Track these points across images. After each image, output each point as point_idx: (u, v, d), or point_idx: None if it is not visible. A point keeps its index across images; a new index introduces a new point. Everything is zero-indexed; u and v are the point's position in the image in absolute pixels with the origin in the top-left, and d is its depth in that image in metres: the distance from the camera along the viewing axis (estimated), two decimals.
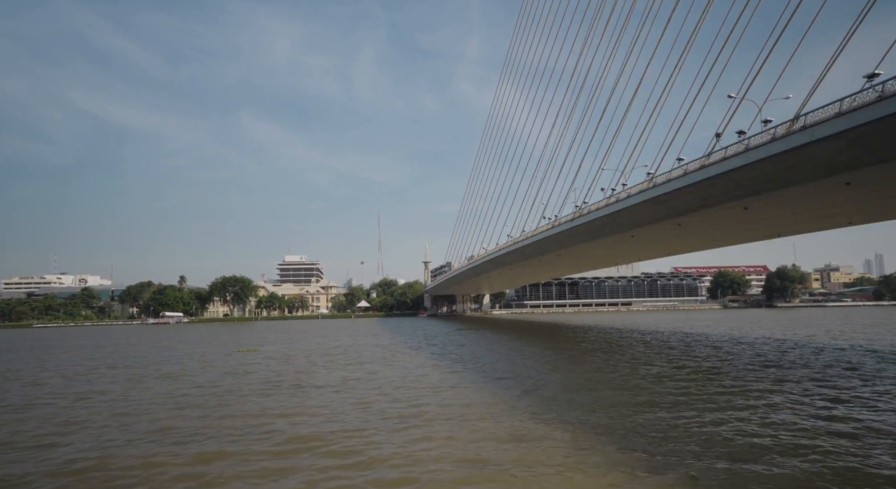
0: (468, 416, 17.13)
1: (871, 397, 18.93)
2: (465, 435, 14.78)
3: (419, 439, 14.43)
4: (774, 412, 16.77)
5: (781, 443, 13.29)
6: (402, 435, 14.97)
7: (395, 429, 15.57)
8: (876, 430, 14.42)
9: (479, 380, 25.00)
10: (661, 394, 20.20)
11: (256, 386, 24.75)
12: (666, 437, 13.85)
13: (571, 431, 14.79)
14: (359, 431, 15.44)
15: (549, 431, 14.86)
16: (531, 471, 11.67)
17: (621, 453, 12.63)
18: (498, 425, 15.78)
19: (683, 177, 31.04)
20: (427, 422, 16.51)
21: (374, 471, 11.96)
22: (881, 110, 19.10)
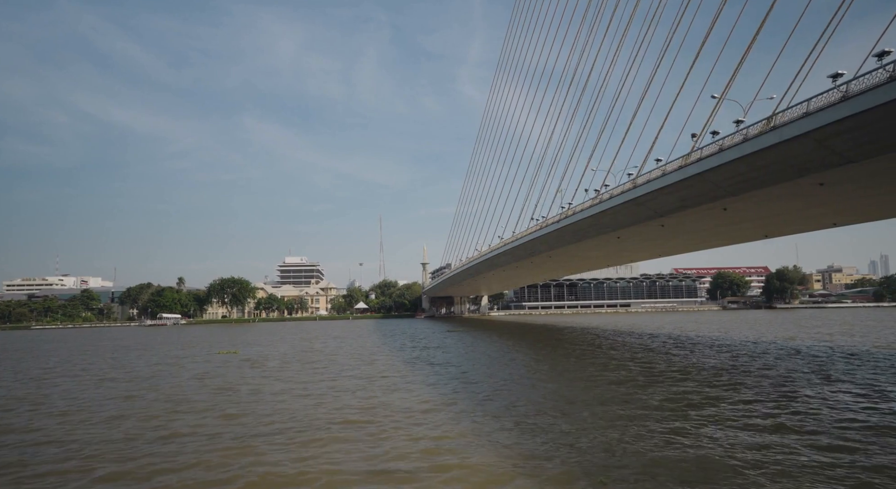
0: (400, 423, 16.80)
1: (808, 408, 17.65)
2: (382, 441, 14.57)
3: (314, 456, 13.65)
4: (703, 420, 16.16)
5: (697, 453, 12.84)
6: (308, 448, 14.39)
7: (307, 441, 14.87)
8: (789, 441, 13.75)
9: (436, 388, 23.81)
10: (607, 402, 19.48)
11: (200, 393, 23.63)
12: (577, 445, 13.66)
13: (490, 438, 14.49)
14: (248, 447, 14.32)
15: (469, 439, 14.55)
16: (431, 474, 11.67)
17: (531, 460, 12.48)
18: (420, 431, 15.55)
19: (662, 177, 30.96)
20: (334, 437, 15.29)
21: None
22: (844, 111, 19.01)
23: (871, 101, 18.00)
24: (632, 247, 52.77)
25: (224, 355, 41.75)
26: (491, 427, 15.98)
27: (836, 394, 20.17)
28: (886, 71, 17.78)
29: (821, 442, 13.59)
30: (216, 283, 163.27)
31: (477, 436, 14.82)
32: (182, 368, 34.23)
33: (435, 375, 27.90)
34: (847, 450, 12.81)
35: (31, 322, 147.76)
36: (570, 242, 50.13)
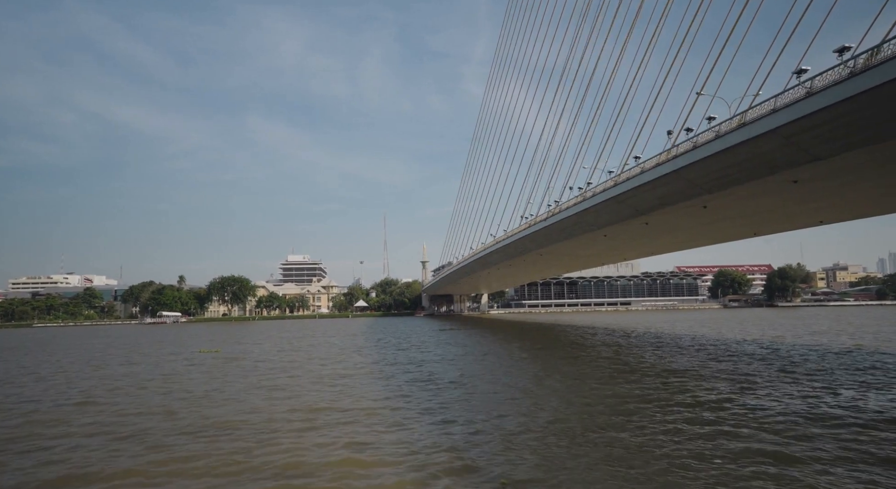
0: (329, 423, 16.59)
1: (744, 412, 16.89)
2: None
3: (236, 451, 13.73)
4: (631, 424, 15.70)
5: (604, 453, 12.75)
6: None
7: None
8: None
9: (385, 390, 22.94)
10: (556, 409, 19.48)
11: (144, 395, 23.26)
12: (481, 448, 13.50)
13: (410, 443, 14.08)
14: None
15: (394, 440, 14.37)
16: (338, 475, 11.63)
17: (439, 461, 12.37)
18: (341, 433, 15.32)
19: (640, 175, 30.78)
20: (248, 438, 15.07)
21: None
22: (808, 107, 18.81)
23: (833, 97, 17.80)
24: (621, 245, 52.52)
25: (205, 354, 41.84)
26: (409, 430, 15.58)
27: (779, 396, 19.83)
28: (847, 67, 17.57)
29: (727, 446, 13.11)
30: (216, 282, 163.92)
31: (383, 437, 14.64)
32: (157, 366, 34.48)
33: (393, 377, 27.02)
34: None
35: (32, 320, 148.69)
36: (557, 241, 49.94)
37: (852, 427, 14.59)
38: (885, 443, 12.97)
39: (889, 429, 14.38)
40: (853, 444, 12.89)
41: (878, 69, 16.22)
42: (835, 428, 14.52)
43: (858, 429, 14.39)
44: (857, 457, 11.93)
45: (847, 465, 11.43)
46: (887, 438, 13.42)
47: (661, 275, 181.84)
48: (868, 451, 12.33)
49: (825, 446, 12.78)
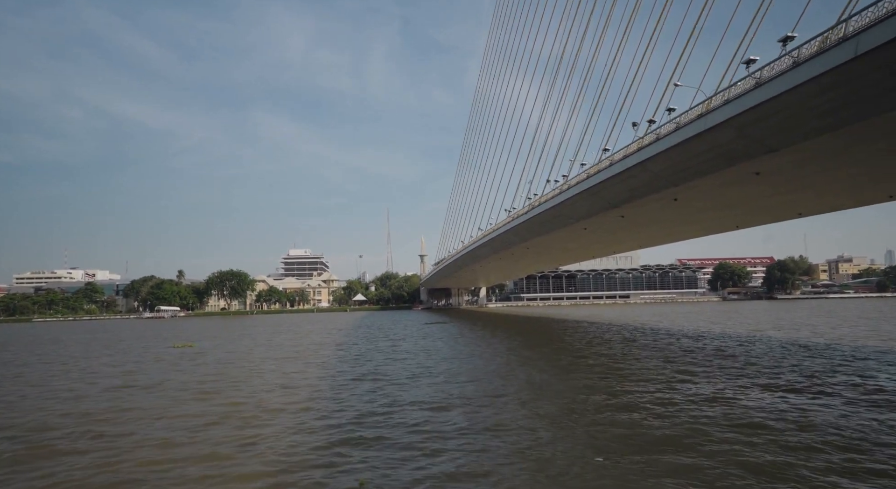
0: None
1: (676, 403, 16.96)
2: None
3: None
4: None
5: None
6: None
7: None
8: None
9: (328, 388, 21.94)
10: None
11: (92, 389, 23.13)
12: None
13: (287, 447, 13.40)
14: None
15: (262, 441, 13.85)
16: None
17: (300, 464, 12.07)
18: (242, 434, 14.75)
19: (609, 167, 30.58)
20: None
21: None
22: (756, 98, 18.54)
23: (779, 87, 17.53)
24: (606, 238, 52.29)
25: (177, 349, 41.95)
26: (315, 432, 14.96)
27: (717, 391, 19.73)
28: (791, 57, 17.28)
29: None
30: (214, 276, 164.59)
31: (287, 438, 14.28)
32: (125, 359, 34.52)
33: (347, 373, 25.92)
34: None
35: (32, 315, 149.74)
36: (539, 234, 49.76)
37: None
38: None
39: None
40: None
41: (819, 58, 15.94)
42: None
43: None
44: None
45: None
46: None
47: (661, 267, 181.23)
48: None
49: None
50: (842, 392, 18.07)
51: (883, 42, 13.78)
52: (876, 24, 14.09)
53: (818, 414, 15.12)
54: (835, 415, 14.87)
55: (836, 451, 11.69)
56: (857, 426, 13.73)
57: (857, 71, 15.12)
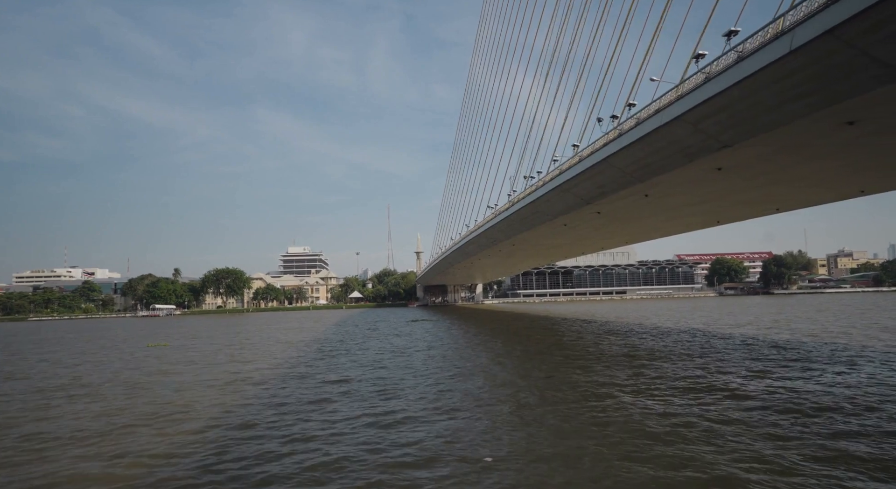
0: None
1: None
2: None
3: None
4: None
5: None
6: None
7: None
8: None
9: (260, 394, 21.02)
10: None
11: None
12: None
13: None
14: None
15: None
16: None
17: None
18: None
19: (578, 163, 30.47)
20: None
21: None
22: (706, 92, 18.43)
23: (725, 82, 17.42)
24: (590, 234, 52.08)
25: (151, 348, 41.88)
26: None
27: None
28: (736, 51, 17.16)
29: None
30: (210, 274, 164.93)
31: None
32: (87, 359, 34.60)
33: (292, 376, 25.07)
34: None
35: (29, 314, 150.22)
36: (521, 230, 49.66)
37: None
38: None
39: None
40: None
41: (760, 54, 15.83)
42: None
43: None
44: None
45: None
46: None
47: (657, 263, 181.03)
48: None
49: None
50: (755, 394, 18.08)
51: (815, 36, 13.66)
52: (808, 18, 13.97)
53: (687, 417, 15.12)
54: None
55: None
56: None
57: (795, 66, 15.01)
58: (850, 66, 14.03)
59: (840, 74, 14.54)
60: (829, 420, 13.95)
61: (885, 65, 13.50)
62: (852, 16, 12.57)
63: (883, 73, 13.78)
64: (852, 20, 12.67)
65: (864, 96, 15.23)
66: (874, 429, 13.04)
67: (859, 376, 20.22)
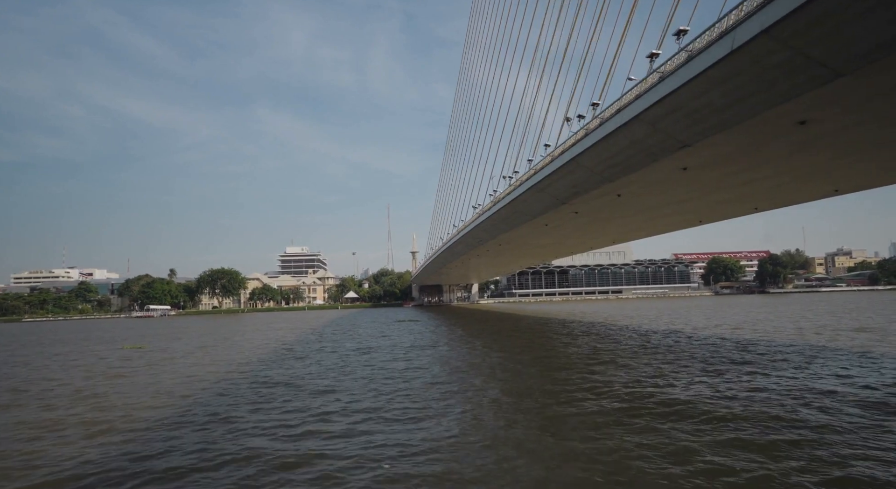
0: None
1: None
2: None
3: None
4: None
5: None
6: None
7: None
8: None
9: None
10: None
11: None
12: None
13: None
14: None
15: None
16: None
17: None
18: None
19: (551, 163, 30.46)
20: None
21: None
22: (660, 92, 18.38)
23: (676, 82, 17.38)
24: (574, 233, 52.02)
25: (127, 350, 41.64)
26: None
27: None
28: (686, 51, 17.13)
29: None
30: (206, 275, 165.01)
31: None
32: (53, 362, 34.48)
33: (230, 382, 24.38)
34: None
35: (24, 314, 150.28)
36: (504, 230, 49.60)
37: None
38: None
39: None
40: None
41: (706, 53, 15.80)
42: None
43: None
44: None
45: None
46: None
47: (653, 262, 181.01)
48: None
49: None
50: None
51: (752, 36, 13.62)
52: (748, 17, 13.92)
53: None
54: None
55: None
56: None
57: (739, 66, 14.97)
58: (789, 66, 13.99)
59: (781, 75, 14.50)
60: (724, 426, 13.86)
61: (822, 65, 13.47)
62: (785, 15, 12.53)
63: (820, 73, 13.73)
64: (786, 20, 12.63)
65: (809, 97, 15.19)
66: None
67: (794, 379, 20.21)
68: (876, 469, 10.25)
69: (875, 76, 13.75)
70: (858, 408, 15.13)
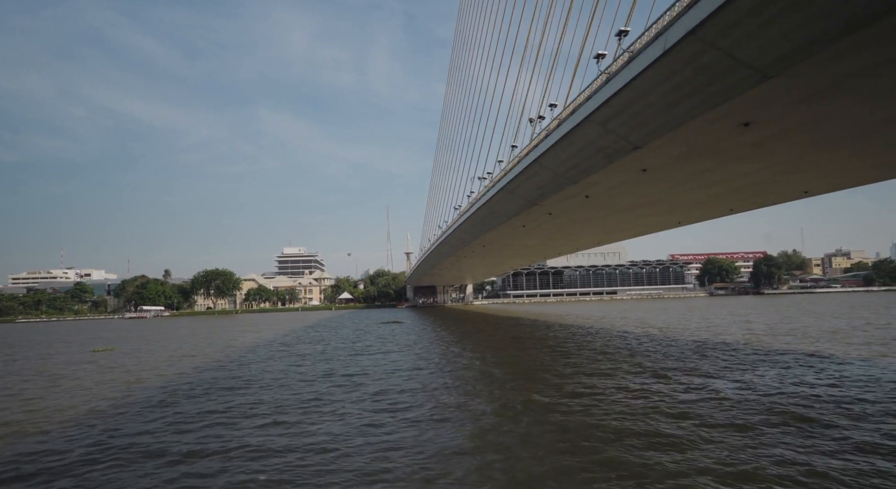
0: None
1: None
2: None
3: None
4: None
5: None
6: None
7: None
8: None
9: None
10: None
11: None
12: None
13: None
14: None
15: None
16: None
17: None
18: None
19: (518, 164, 30.34)
20: None
21: None
22: (607, 93, 18.25)
23: (619, 83, 17.26)
24: (554, 234, 51.82)
25: (96, 353, 41.20)
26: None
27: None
28: (629, 52, 17.01)
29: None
30: (200, 276, 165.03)
31: None
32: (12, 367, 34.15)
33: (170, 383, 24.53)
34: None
35: (18, 315, 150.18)
36: (483, 232, 49.51)
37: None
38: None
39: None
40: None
41: (644, 54, 15.68)
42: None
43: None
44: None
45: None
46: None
47: (647, 263, 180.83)
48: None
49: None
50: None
51: (680, 37, 13.49)
52: (678, 18, 13.79)
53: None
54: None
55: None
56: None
57: (673, 67, 14.85)
58: (719, 67, 13.88)
59: (713, 76, 14.38)
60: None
61: (749, 67, 13.35)
62: (706, 17, 12.42)
63: (749, 74, 13.62)
64: (708, 22, 12.52)
65: (745, 98, 15.06)
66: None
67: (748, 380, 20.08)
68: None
69: (805, 77, 13.64)
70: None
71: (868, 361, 24.11)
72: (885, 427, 13.16)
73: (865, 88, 14.02)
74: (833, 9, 10.56)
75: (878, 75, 13.16)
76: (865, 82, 13.55)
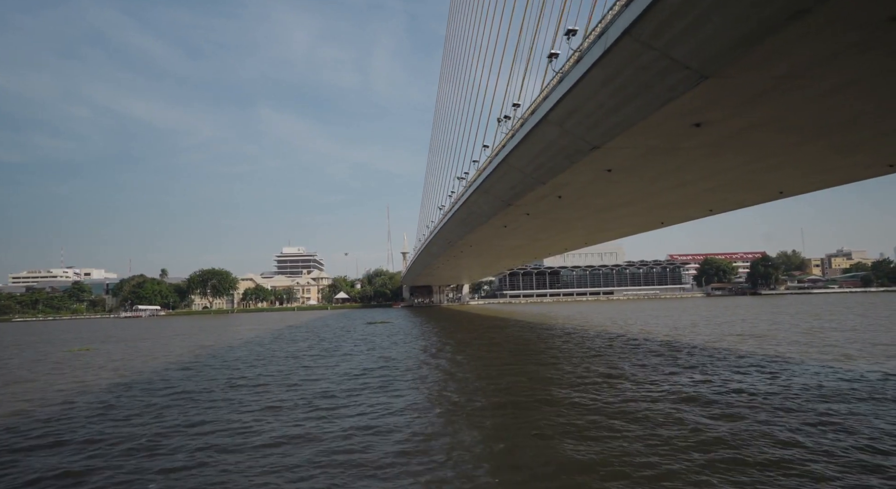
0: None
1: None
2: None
3: None
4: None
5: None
6: None
7: None
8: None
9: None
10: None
11: None
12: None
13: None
14: None
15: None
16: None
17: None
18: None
19: (490, 164, 30.27)
20: None
21: None
22: (560, 92, 18.13)
23: (569, 83, 17.14)
24: (538, 235, 51.58)
25: (70, 353, 40.72)
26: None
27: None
28: (578, 51, 16.90)
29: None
30: (196, 275, 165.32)
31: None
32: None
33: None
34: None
35: (15, 314, 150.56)
36: (466, 232, 49.40)
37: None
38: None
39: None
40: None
41: (590, 53, 15.55)
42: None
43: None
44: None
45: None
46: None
47: (644, 263, 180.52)
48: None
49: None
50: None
51: (617, 37, 13.36)
52: (617, 17, 13.66)
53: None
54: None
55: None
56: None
57: (616, 67, 14.72)
58: (658, 67, 13.73)
59: (654, 76, 14.24)
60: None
61: (685, 67, 13.21)
62: (637, 17, 12.30)
63: (687, 75, 13.47)
64: (640, 22, 12.39)
65: (689, 98, 14.89)
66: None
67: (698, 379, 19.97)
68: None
69: (744, 78, 13.50)
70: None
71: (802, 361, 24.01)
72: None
73: (802, 90, 13.89)
74: (749, 11, 10.45)
75: (813, 77, 13.03)
76: (801, 84, 13.42)
